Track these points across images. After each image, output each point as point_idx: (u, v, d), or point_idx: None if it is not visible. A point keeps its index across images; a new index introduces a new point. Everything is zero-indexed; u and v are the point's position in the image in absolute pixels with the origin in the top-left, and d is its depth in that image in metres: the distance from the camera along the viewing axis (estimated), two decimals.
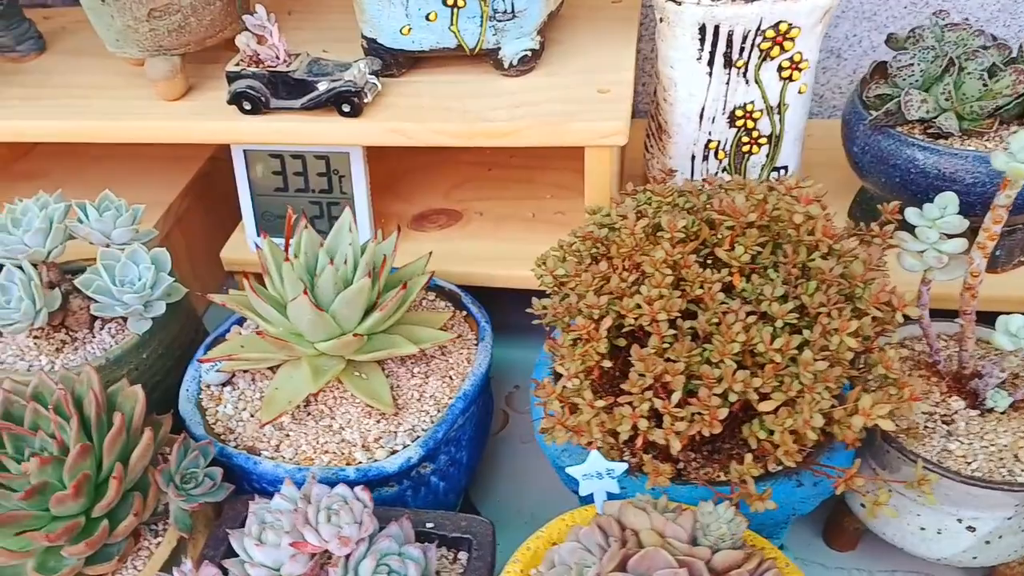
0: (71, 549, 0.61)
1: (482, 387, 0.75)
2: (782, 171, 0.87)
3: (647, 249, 0.67)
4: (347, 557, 0.59)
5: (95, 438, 0.66)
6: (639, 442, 0.62)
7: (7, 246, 0.77)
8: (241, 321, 0.85)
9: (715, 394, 0.60)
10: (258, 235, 0.92)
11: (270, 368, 0.78)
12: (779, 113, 0.83)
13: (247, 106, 0.81)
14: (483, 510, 0.84)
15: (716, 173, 0.87)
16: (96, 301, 0.76)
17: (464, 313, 0.81)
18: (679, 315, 0.63)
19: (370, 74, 0.80)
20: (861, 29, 1.05)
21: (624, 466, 0.61)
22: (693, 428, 0.60)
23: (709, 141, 0.84)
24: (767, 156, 0.86)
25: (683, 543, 0.55)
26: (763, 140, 0.85)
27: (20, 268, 0.76)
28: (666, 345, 0.62)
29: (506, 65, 0.82)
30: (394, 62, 0.83)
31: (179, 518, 0.67)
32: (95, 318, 0.81)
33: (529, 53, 0.81)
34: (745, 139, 0.84)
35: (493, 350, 0.77)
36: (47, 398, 0.68)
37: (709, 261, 0.67)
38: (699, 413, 0.60)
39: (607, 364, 0.64)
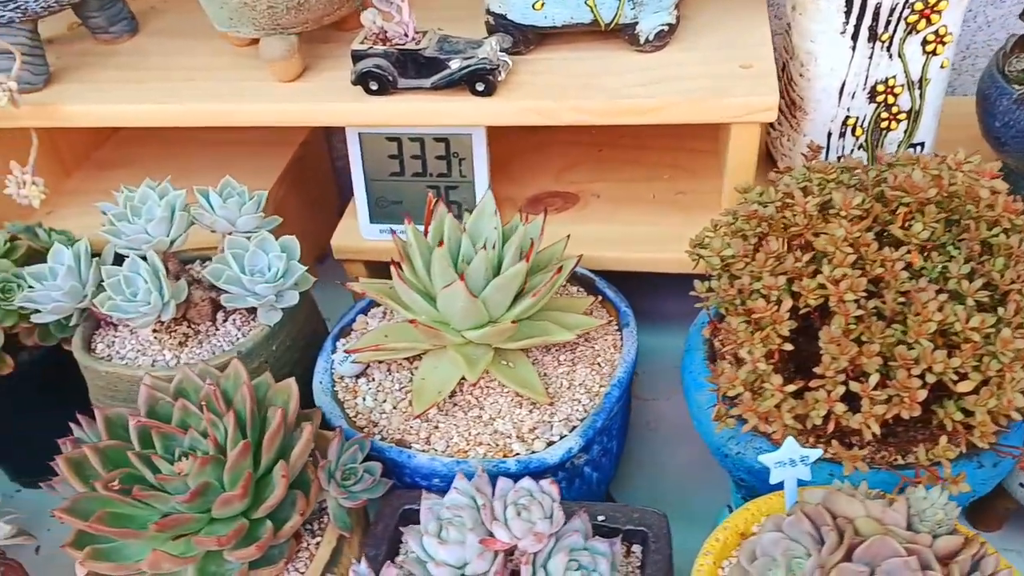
0: (240, 553, 0.58)
1: (633, 374, 0.72)
2: (919, 147, 0.84)
3: (820, 228, 0.64)
4: (535, 553, 0.56)
5: (250, 435, 0.63)
6: (830, 427, 0.59)
7: (129, 236, 0.74)
8: (365, 310, 0.82)
9: (913, 375, 0.57)
10: (371, 222, 0.89)
11: (407, 359, 0.75)
12: (920, 88, 0.80)
13: (373, 86, 0.78)
14: (621, 500, 0.81)
15: (852, 150, 0.84)
16: (225, 292, 0.73)
17: (600, 298, 0.78)
18: (864, 295, 0.61)
19: (500, 51, 0.77)
20: (976, 4, 1.02)
21: (819, 453, 0.59)
22: (892, 411, 0.57)
23: (847, 117, 0.81)
24: (905, 132, 0.83)
25: (903, 530, 0.52)
26: (902, 116, 0.81)
27: (143, 259, 0.73)
28: (851, 326, 0.60)
29: (642, 40, 0.78)
30: (522, 39, 0.80)
31: (338, 516, 0.64)
32: (217, 310, 0.78)
33: (666, 28, 0.78)
34: (884, 115, 0.81)
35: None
36: (192, 394, 0.65)
37: (885, 239, 0.64)
38: (897, 395, 0.57)
39: (788, 347, 0.61)
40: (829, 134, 0.82)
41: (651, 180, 0.92)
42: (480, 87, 0.76)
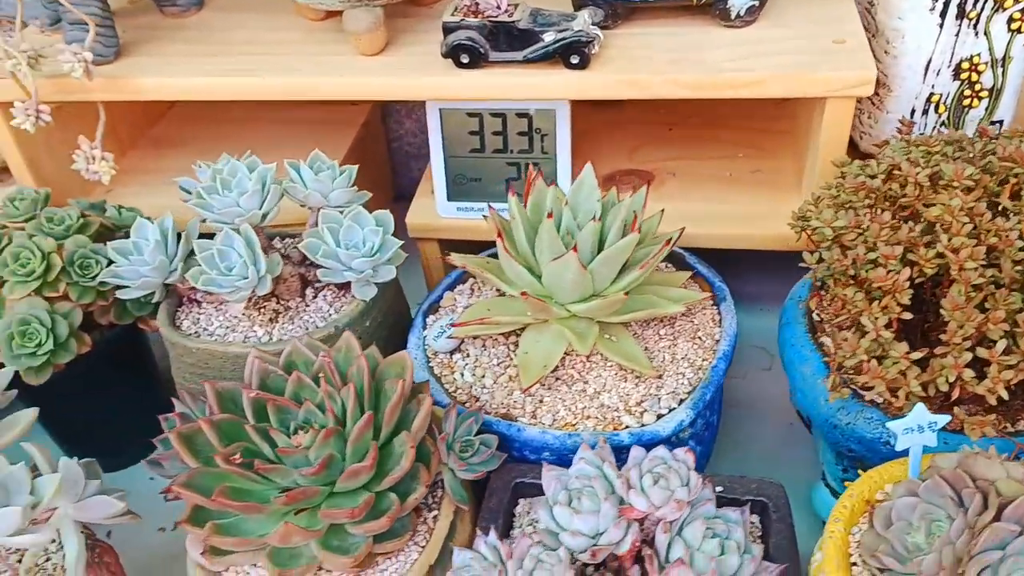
0: (369, 525, 0.57)
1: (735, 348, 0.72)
2: (998, 125, 0.84)
3: (931, 199, 0.65)
4: (671, 522, 0.56)
5: (366, 407, 0.62)
6: (955, 393, 0.59)
7: (219, 209, 0.72)
8: (452, 287, 0.81)
9: None
10: (448, 200, 0.88)
11: (502, 335, 0.74)
12: (1003, 66, 0.81)
13: (465, 59, 0.77)
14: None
15: (934, 128, 0.84)
16: (321, 267, 0.72)
17: (692, 273, 0.78)
18: (982, 263, 0.61)
19: (592, 24, 0.76)
20: None
21: (947, 419, 0.59)
22: (1018, 376, 0.58)
23: (931, 94, 0.82)
24: (986, 110, 0.83)
25: None
26: (984, 93, 0.82)
27: (236, 232, 0.72)
28: (971, 294, 0.60)
29: (732, 16, 0.78)
30: (611, 13, 0.79)
31: (455, 489, 0.63)
32: (305, 286, 0.77)
33: (756, 3, 0.78)
34: (967, 92, 0.82)
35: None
36: (303, 368, 0.64)
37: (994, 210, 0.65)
38: (1021, 361, 0.58)
39: (907, 316, 0.61)
40: (912, 111, 0.83)
41: (725, 159, 0.92)
42: (575, 60, 0.75)
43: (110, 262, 0.76)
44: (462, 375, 0.72)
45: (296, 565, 0.57)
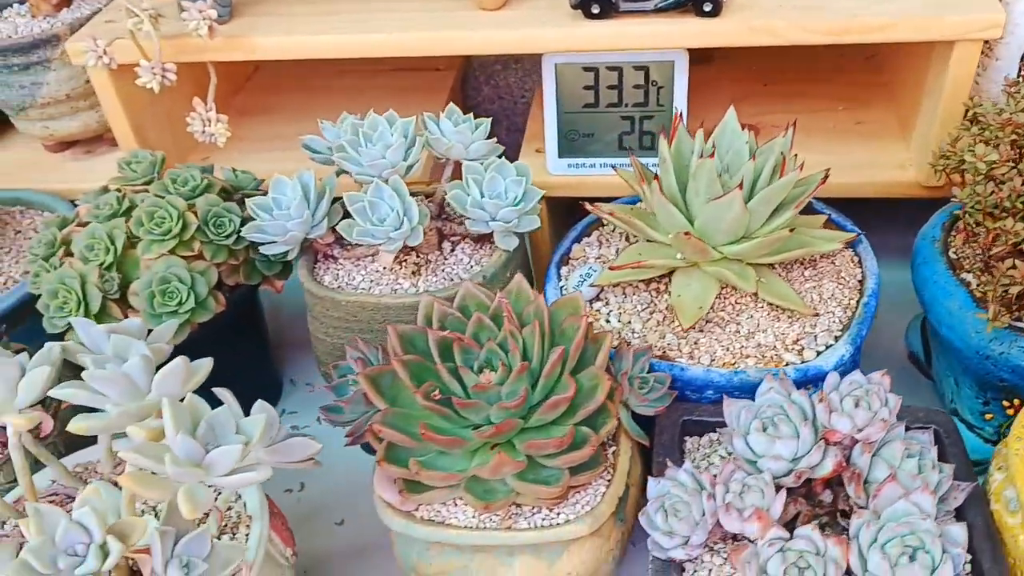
0: (572, 456, 0.58)
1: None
2: None
3: None
4: (870, 443, 0.57)
5: (547, 345, 0.62)
6: None
7: (367, 163, 0.72)
8: (579, 239, 0.81)
9: None
10: (560, 156, 0.88)
11: (642, 281, 0.75)
12: None
13: (595, 9, 0.77)
14: None
15: None
16: (467, 219, 0.72)
17: (826, 217, 0.79)
18: None
19: None
20: None
21: None
22: None
23: None
24: None
25: None
26: None
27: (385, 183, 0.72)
28: None
29: None
30: None
31: (631, 426, 0.64)
32: (441, 240, 0.77)
33: None
34: None
35: None
36: (478, 311, 0.64)
37: None
38: None
39: None
40: (1022, 58, 0.85)
41: (825, 112, 0.94)
42: (707, 7, 0.76)
43: (242, 221, 0.76)
44: (607, 321, 0.73)
45: (494, 499, 0.58)
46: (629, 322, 0.72)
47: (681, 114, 0.79)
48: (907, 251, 0.77)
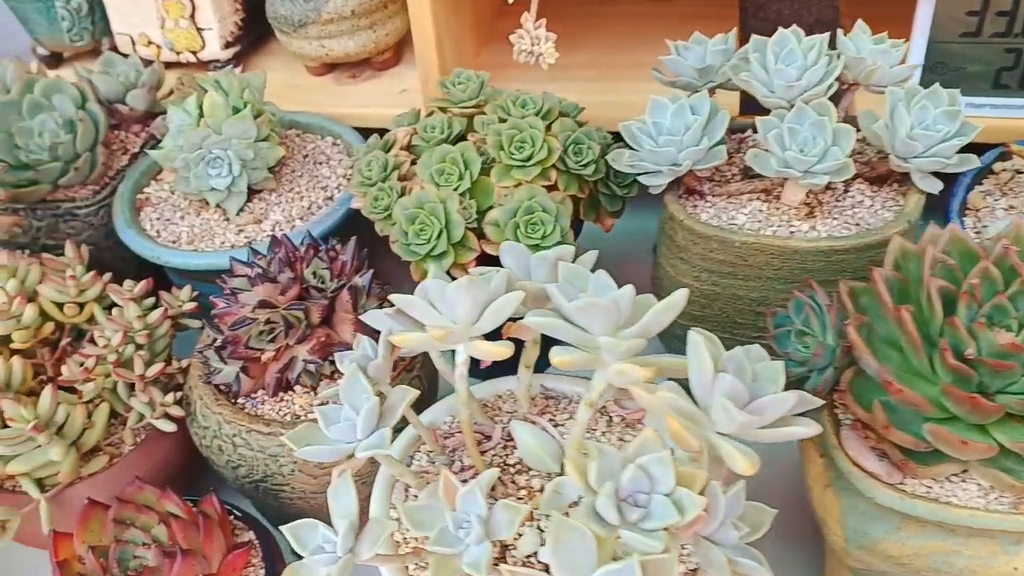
0: None
1: None
2: None
3: None
4: None
5: None
6: None
7: (785, 84, 0.63)
8: (971, 186, 0.72)
9: None
10: None
11: None
12: None
13: None
14: None
15: None
16: (887, 155, 0.63)
17: None
18: None
19: None
20: None
21: None
22: None
23: None
24: None
25: None
26: None
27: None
28: None
29: None
30: None
31: None
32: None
33: None
34: None
35: None
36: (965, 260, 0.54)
37: None
38: None
39: None
40: None
41: None
42: None
43: (602, 150, 0.68)
44: None
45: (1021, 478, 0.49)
46: None
47: None
48: None
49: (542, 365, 0.54)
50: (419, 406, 0.58)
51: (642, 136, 0.65)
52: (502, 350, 0.48)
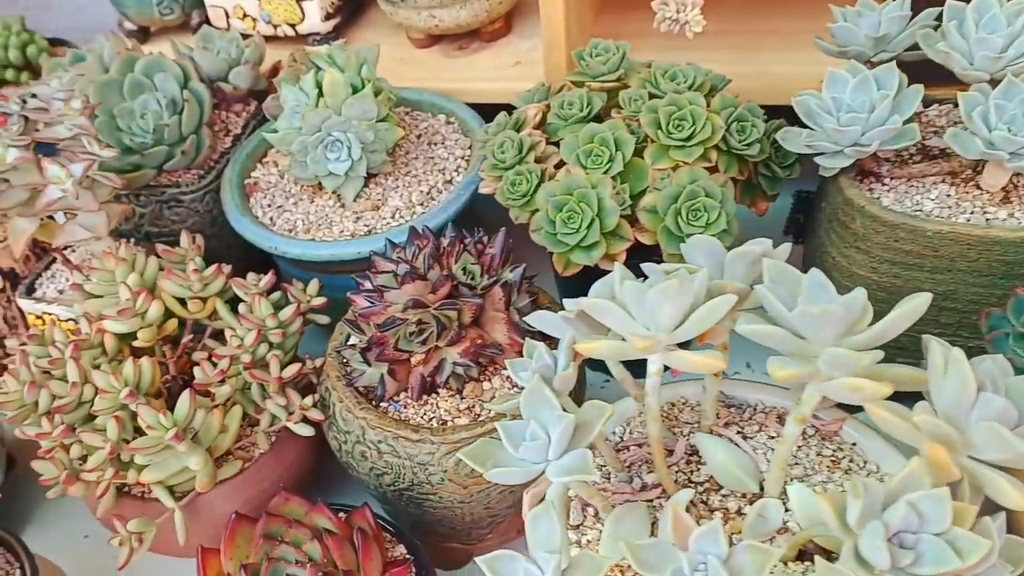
0: None
1: None
2: None
3: None
4: None
5: None
6: None
7: (984, 55, 0.56)
8: None
9: None
10: None
11: None
12: None
13: None
14: None
15: None
16: None
17: None
18: None
19: None
20: None
21: None
22: None
23: None
24: None
25: None
26: None
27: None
28: None
29: None
30: None
31: None
32: None
33: None
34: None
35: None
36: None
37: None
38: None
39: None
40: None
41: None
42: None
43: (764, 128, 0.61)
44: None
45: None
46: None
47: None
48: None
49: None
50: None
51: (821, 113, 0.58)
52: (712, 361, 0.43)
